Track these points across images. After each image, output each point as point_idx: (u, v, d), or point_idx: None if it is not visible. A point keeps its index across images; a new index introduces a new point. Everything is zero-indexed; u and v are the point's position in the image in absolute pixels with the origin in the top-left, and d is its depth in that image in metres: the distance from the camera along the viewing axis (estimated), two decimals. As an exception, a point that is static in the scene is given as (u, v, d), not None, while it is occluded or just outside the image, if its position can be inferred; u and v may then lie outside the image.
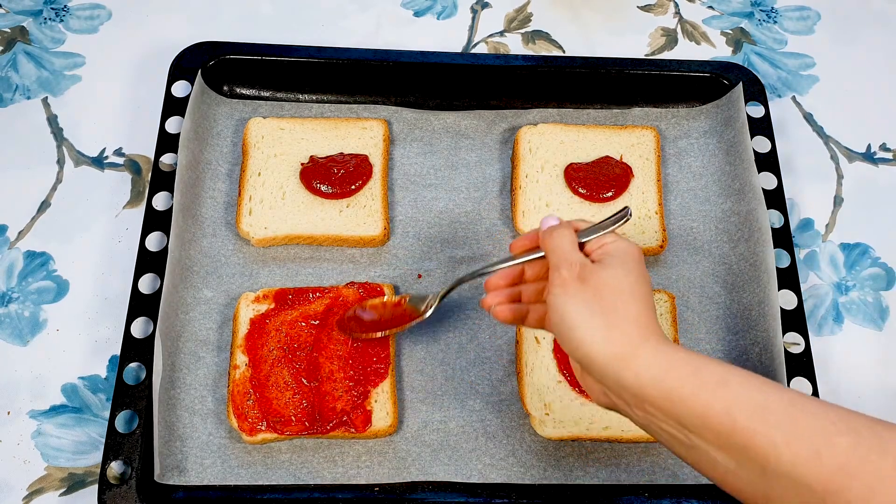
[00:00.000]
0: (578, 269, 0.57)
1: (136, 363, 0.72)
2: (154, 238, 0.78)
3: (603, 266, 0.57)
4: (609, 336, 0.54)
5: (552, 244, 0.59)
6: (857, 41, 0.99)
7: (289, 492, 0.70)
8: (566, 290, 0.56)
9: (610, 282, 0.56)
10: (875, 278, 0.83)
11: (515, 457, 0.72)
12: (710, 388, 0.50)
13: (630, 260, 0.58)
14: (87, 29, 0.94)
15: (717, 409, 0.49)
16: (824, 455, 0.45)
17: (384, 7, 0.98)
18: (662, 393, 0.51)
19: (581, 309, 0.55)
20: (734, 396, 0.49)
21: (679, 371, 0.52)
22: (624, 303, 0.55)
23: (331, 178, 0.80)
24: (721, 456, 0.50)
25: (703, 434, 0.50)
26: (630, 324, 0.54)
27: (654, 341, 0.54)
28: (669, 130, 0.88)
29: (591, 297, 0.55)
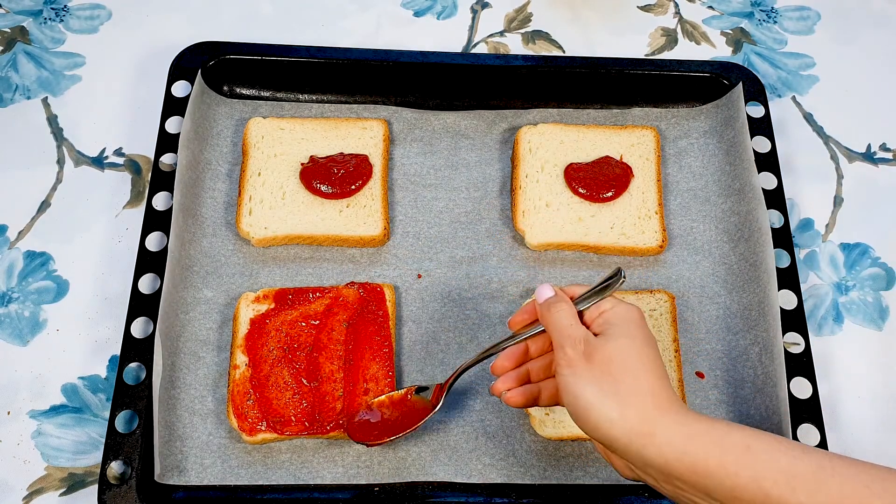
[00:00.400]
0: (583, 346, 0.56)
1: (136, 363, 0.72)
2: (154, 238, 0.78)
3: (606, 339, 0.56)
4: (625, 414, 0.53)
5: (552, 321, 0.58)
6: (857, 41, 0.99)
7: (289, 492, 0.70)
8: (574, 371, 0.55)
9: (616, 355, 0.55)
10: (875, 278, 0.83)
11: (515, 457, 0.72)
12: (735, 458, 0.50)
13: (632, 326, 0.57)
14: (87, 29, 0.94)
15: (744, 478, 0.49)
16: None
17: (384, 7, 0.98)
18: (688, 466, 0.51)
19: (593, 389, 0.54)
20: (761, 464, 0.49)
21: (702, 442, 0.51)
22: (634, 376, 0.54)
23: (331, 178, 0.80)
24: None
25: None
26: (645, 397, 0.53)
27: (674, 413, 0.53)
28: (669, 130, 0.88)
29: (599, 375, 0.54)
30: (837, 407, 0.76)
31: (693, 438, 0.51)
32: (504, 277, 0.79)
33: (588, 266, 0.81)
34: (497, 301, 0.78)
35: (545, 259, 0.81)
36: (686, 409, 0.54)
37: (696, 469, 0.50)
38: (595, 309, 0.60)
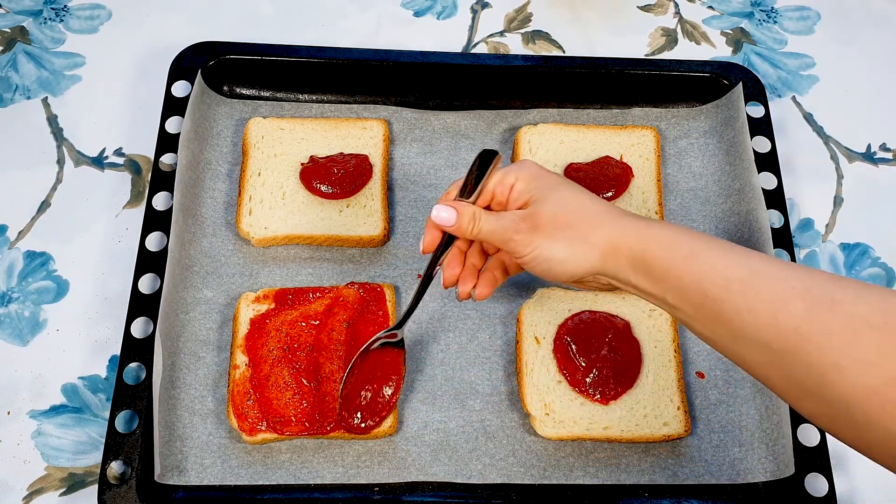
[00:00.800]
0: (524, 223, 0.60)
1: (136, 363, 0.72)
2: (154, 238, 0.78)
3: (537, 203, 0.60)
4: (594, 244, 0.58)
5: (484, 231, 0.61)
6: (857, 41, 0.99)
7: (289, 492, 0.70)
8: (533, 245, 0.59)
9: (557, 209, 0.59)
10: (875, 278, 0.83)
11: (515, 457, 0.72)
12: (681, 262, 0.54)
13: (543, 178, 0.61)
14: (87, 29, 0.94)
15: (687, 280, 0.54)
16: (781, 319, 0.49)
17: (384, 7, 0.98)
18: (644, 273, 0.56)
19: (558, 247, 0.59)
20: (702, 268, 0.53)
21: (655, 249, 0.56)
22: (581, 212, 0.59)
23: (331, 178, 0.80)
24: (699, 325, 0.54)
25: (683, 307, 0.54)
26: (601, 223, 0.58)
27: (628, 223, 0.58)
28: (669, 130, 0.88)
29: (555, 231, 0.59)
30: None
31: (647, 248, 0.56)
32: (504, 277, 0.79)
33: (588, 266, 0.80)
34: (497, 301, 0.78)
35: (545, 259, 0.81)
36: (639, 219, 0.59)
37: (651, 274, 0.56)
38: (503, 189, 0.62)
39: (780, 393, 0.51)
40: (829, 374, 0.46)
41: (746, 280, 0.51)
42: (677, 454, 0.72)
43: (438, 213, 0.62)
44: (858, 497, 0.73)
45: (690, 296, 0.53)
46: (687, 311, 0.54)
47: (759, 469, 0.71)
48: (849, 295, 0.48)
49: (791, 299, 0.49)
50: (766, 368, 0.50)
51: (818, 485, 0.71)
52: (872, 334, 0.46)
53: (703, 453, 0.72)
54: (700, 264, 0.53)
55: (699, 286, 0.53)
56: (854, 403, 0.45)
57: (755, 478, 0.71)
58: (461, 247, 0.66)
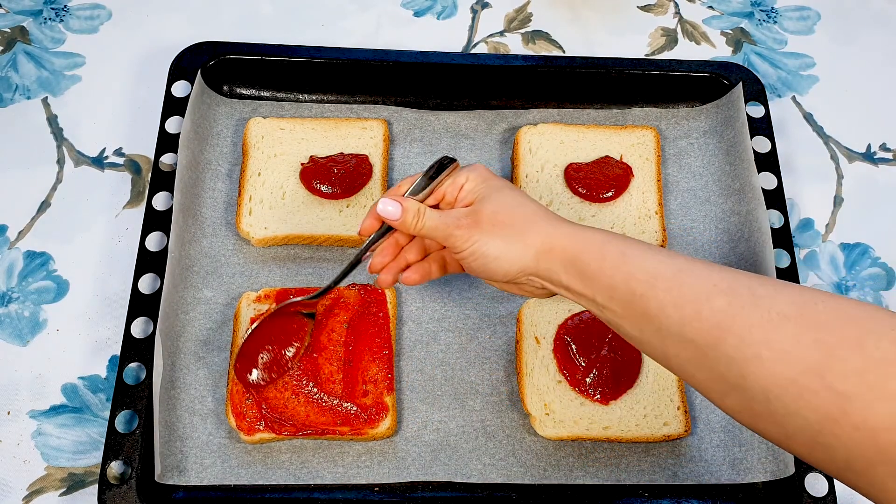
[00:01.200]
0: (466, 220, 0.61)
1: (136, 363, 0.72)
2: (154, 238, 0.78)
3: (481, 202, 0.62)
4: (529, 243, 0.60)
5: (427, 228, 0.62)
6: (857, 41, 0.99)
7: (289, 492, 0.70)
8: (472, 239, 0.61)
9: (499, 207, 0.61)
10: (875, 278, 0.83)
11: (515, 457, 0.72)
12: (611, 262, 0.56)
13: (491, 180, 0.63)
14: (86, 29, 0.94)
15: (617, 279, 0.55)
16: (704, 314, 0.50)
17: (384, 7, 0.98)
18: (577, 273, 0.58)
19: (494, 243, 0.60)
20: (631, 267, 0.55)
21: (587, 251, 0.58)
22: (521, 212, 0.61)
23: (331, 178, 0.80)
24: (627, 325, 0.55)
25: (612, 307, 0.56)
26: (536, 222, 0.60)
27: (564, 227, 0.60)
28: (669, 130, 0.88)
29: (493, 229, 0.60)
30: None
31: (580, 248, 0.58)
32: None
33: (588, 266, 0.80)
34: (497, 301, 0.78)
35: (545, 259, 0.81)
36: (574, 224, 0.61)
37: (583, 274, 0.57)
38: (453, 188, 0.64)
39: (704, 390, 0.52)
40: (750, 365, 0.48)
41: (672, 277, 0.53)
42: (677, 454, 0.72)
43: (384, 207, 0.63)
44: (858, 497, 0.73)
45: (619, 294, 0.55)
46: (616, 310, 0.56)
47: (759, 469, 0.71)
48: (769, 290, 0.50)
49: (714, 295, 0.51)
50: (692, 365, 0.51)
51: (818, 485, 0.71)
52: (788, 325, 0.47)
53: (703, 453, 0.72)
54: (629, 264, 0.55)
55: (628, 285, 0.54)
56: (774, 393, 0.47)
57: (755, 478, 0.71)
58: (400, 241, 0.67)
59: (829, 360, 0.45)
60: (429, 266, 0.67)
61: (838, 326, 0.46)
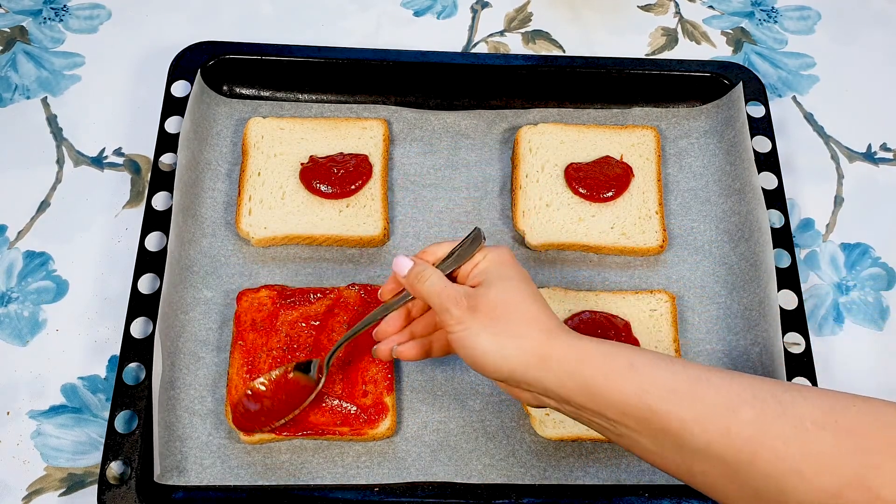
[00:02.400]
0: (465, 301, 0.58)
1: (135, 363, 0.72)
2: (154, 238, 0.78)
3: (487, 286, 0.59)
4: (520, 346, 0.56)
5: (427, 291, 0.60)
6: (857, 41, 0.99)
7: (289, 492, 0.70)
8: (464, 326, 0.57)
9: (500, 299, 0.57)
10: (875, 278, 0.83)
11: (515, 457, 0.71)
12: (620, 375, 0.53)
13: (506, 268, 0.60)
14: (86, 29, 0.94)
15: (629, 395, 0.52)
16: (732, 429, 0.48)
17: (384, 7, 0.98)
18: (580, 386, 0.54)
19: (485, 336, 0.56)
20: (644, 381, 0.52)
21: (591, 362, 0.54)
22: (521, 311, 0.57)
23: (331, 178, 0.80)
24: (645, 440, 0.52)
25: (625, 422, 0.53)
26: (534, 327, 0.56)
27: (563, 336, 0.56)
28: (670, 130, 0.88)
29: (488, 321, 0.57)
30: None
31: (583, 360, 0.54)
32: (504, 277, 0.79)
33: (588, 266, 0.80)
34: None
35: (545, 259, 0.81)
36: (573, 333, 0.57)
37: (588, 388, 0.53)
38: (469, 264, 0.62)
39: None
40: (790, 481, 0.45)
41: (690, 390, 0.50)
42: (677, 454, 0.72)
43: (397, 260, 0.62)
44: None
45: (633, 410, 0.52)
46: (630, 425, 0.52)
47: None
48: (794, 396, 0.48)
49: (739, 407, 0.48)
50: (722, 482, 0.49)
51: (819, 485, 0.70)
52: (825, 435, 0.45)
53: (703, 454, 0.72)
54: (640, 377, 0.52)
55: (642, 400, 0.51)
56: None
57: (755, 478, 0.71)
58: (413, 312, 0.66)
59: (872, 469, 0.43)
60: (429, 343, 0.65)
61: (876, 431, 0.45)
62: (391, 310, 0.65)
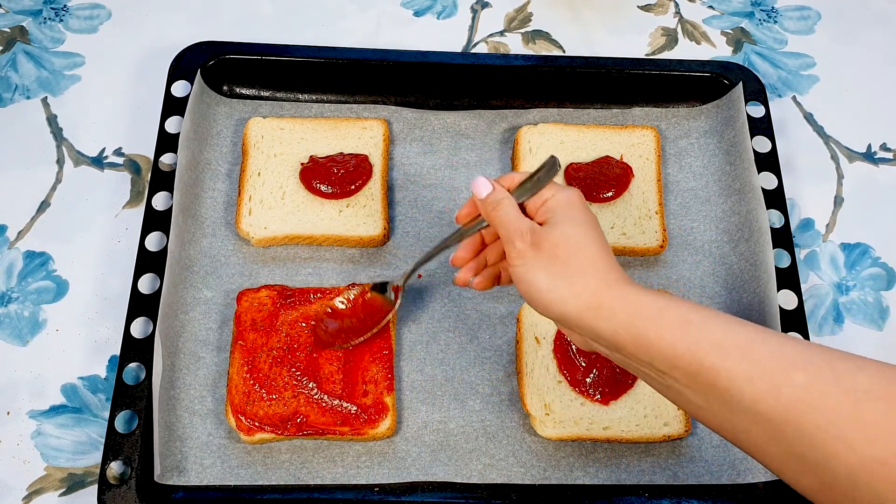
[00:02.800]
0: (530, 236, 0.59)
1: (135, 363, 0.72)
2: (154, 238, 0.78)
3: (552, 226, 0.59)
4: (575, 292, 0.56)
5: (497, 218, 0.60)
6: (857, 41, 0.99)
7: (289, 492, 0.70)
8: (524, 261, 0.58)
9: (562, 241, 0.58)
10: (875, 278, 0.83)
11: (515, 457, 0.72)
12: (673, 329, 0.52)
13: (574, 210, 0.60)
14: (86, 29, 0.94)
15: (681, 349, 0.52)
16: (783, 390, 0.47)
17: (384, 7, 0.98)
18: (632, 337, 0.54)
19: (543, 275, 0.57)
20: (696, 336, 0.52)
21: (644, 314, 0.54)
22: (581, 257, 0.57)
23: (331, 178, 0.80)
24: (691, 394, 0.52)
25: (674, 374, 0.52)
26: (592, 275, 0.56)
27: (619, 286, 0.56)
28: (670, 130, 0.88)
29: (548, 260, 0.57)
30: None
31: (636, 312, 0.54)
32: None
33: (588, 266, 0.80)
34: (497, 301, 0.78)
35: (545, 259, 0.81)
36: (632, 283, 0.57)
37: (639, 340, 0.53)
38: (537, 198, 0.61)
39: (776, 468, 0.49)
40: (835, 446, 0.45)
41: (744, 349, 0.50)
42: (677, 454, 0.72)
43: (477, 181, 0.62)
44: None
45: (683, 364, 0.51)
46: (678, 377, 0.52)
47: (759, 469, 0.71)
48: (849, 366, 0.47)
49: (792, 370, 0.48)
50: (764, 441, 0.49)
51: (818, 485, 0.70)
52: (878, 405, 0.45)
53: (703, 453, 0.72)
54: (694, 333, 0.52)
55: (693, 355, 0.51)
56: (861, 477, 0.44)
57: (755, 478, 0.71)
58: (487, 239, 0.66)
59: None
60: (497, 271, 0.66)
61: None
62: (466, 235, 0.65)
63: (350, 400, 0.71)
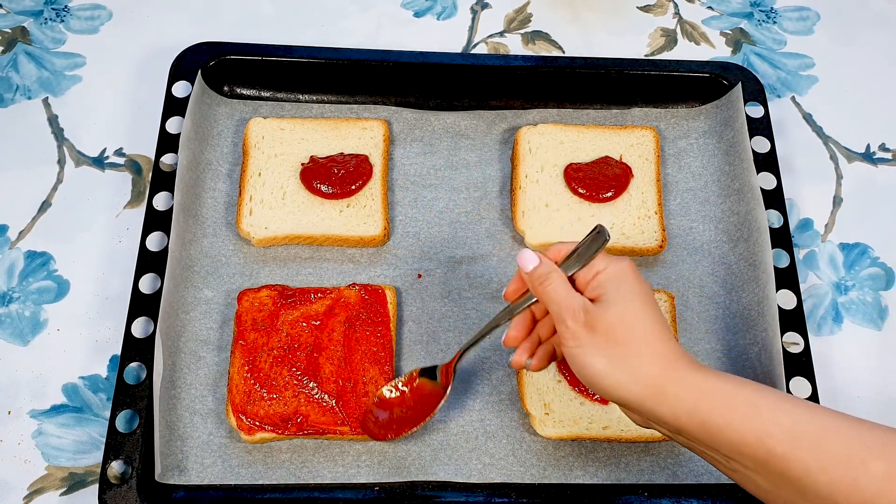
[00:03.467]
0: (583, 316, 0.56)
1: (136, 363, 0.72)
2: (154, 238, 0.78)
3: (606, 304, 0.56)
4: (636, 377, 0.54)
5: (546, 294, 0.58)
6: (857, 41, 0.99)
7: (289, 491, 0.70)
8: (579, 343, 0.56)
9: (618, 321, 0.55)
10: (874, 278, 0.84)
11: (515, 456, 0.72)
12: (742, 416, 0.51)
13: (628, 285, 0.57)
14: (87, 29, 0.94)
15: (750, 437, 0.50)
16: (860, 481, 0.46)
17: (384, 7, 0.98)
18: (697, 423, 0.52)
19: (600, 359, 0.55)
20: (766, 423, 0.50)
21: (710, 400, 0.52)
22: (640, 339, 0.55)
23: (331, 178, 0.80)
24: (760, 479, 0.51)
25: (741, 460, 0.51)
26: (653, 359, 0.54)
27: (682, 370, 0.54)
28: (669, 130, 0.88)
29: (605, 344, 0.55)
30: (837, 407, 0.75)
31: (702, 397, 0.52)
32: (504, 277, 0.79)
33: (588, 266, 0.81)
34: (497, 301, 0.78)
35: (545, 259, 0.81)
36: (695, 365, 0.55)
37: (706, 426, 0.52)
38: (588, 271, 0.59)
39: None
40: None
41: (817, 437, 0.49)
42: (677, 454, 0.72)
43: (523, 254, 0.59)
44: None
45: (751, 451, 0.50)
46: (747, 464, 0.51)
47: (759, 469, 0.71)
48: None
49: (869, 459, 0.47)
50: None
51: (817, 484, 0.71)
52: None
53: (702, 453, 0.72)
54: (763, 419, 0.50)
55: (763, 443, 0.50)
56: None
57: (754, 477, 0.71)
58: (537, 314, 0.64)
59: None
60: (551, 348, 0.63)
61: None
62: (516, 312, 0.62)
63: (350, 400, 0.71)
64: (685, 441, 0.55)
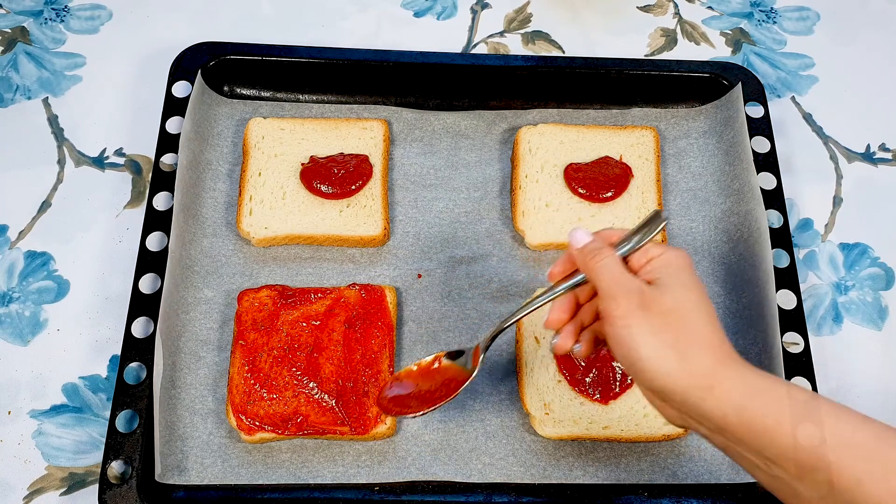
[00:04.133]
0: (638, 296, 0.53)
1: (136, 363, 0.72)
2: (155, 238, 0.78)
3: (663, 289, 0.54)
4: (685, 366, 0.51)
5: (598, 270, 0.55)
6: (857, 41, 0.99)
7: (289, 491, 0.70)
8: (629, 322, 0.53)
9: (675, 307, 0.53)
10: (874, 278, 0.84)
11: (515, 456, 0.72)
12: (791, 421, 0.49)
13: (686, 274, 0.55)
14: (87, 29, 0.94)
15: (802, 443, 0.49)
16: None
17: (384, 8, 0.98)
18: (744, 422, 0.50)
19: (651, 341, 0.52)
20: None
21: (762, 399, 0.50)
22: (694, 328, 0.52)
23: (331, 178, 0.80)
24: (802, 487, 0.49)
25: (786, 466, 0.49)
26: (705, 350, 0.52)
27: (734, 366, 0.52)
28: (669, 130, 0.88)
29: (658, 326, 0.52)
30: (837, 406, 0.76)
31: (754, 395, 0.50)
32: (504, 277, 0.79)
33: (588, 266, 0.81)
34: (497, 301, 0.78)
35: (545, 259, 0.81)
36: (745, 364, 0.53)
37: (753, 426, 0.50)
38: (642, 255, 0.57)
39: None
40: None
41: (871, 446, 0.47)
42: (677, 454, 0.72)
43: (575, 232, 0.58)
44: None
45: (799, 457, 0.48)
46: (790, 470, 0.49)
47: (759, 468, 0.71)
48: None
49: None
50: None
51: (817, 484, 0.71)
52: None
53: (702, 453, 0.72)
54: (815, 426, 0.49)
55: (815, 449, 0.48)
56: None
57: (754, 477, 0.71)
58: (580, 298, 0.61)
59: None
60: (595, 334, 0.60)
61: None
62: (557, 294, 0.60)
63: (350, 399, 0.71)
64: (723, 441, 0.52)
